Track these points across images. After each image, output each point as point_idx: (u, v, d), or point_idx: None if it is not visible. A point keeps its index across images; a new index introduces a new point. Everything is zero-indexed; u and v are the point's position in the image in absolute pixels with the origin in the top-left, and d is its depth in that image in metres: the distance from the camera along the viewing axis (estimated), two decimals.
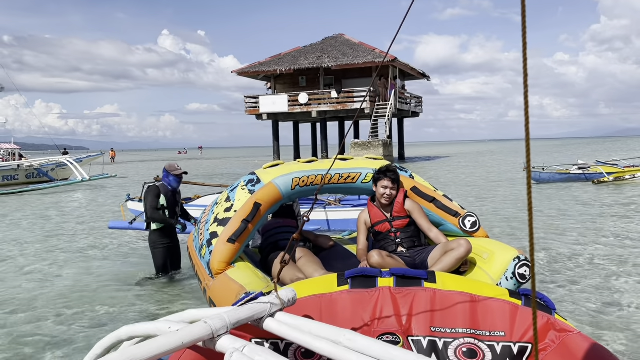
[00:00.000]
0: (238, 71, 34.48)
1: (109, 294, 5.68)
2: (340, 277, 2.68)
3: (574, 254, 6.93)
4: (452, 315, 2.51)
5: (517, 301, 2.52)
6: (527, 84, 1.19)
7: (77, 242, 8.99)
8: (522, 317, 2.45)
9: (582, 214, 10.48)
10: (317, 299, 2.59)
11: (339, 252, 4.80)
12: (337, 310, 2.57)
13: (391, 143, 31.15)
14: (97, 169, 25.13)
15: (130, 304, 5.31)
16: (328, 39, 35.44)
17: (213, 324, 1.86)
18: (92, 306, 5.24)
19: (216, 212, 4.33)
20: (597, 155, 35.77)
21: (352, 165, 4.59)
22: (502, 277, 3.88)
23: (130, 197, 10.24)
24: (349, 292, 2.60)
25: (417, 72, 36.15)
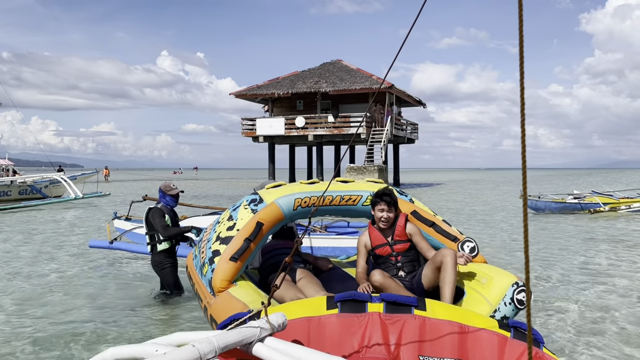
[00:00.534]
0: (236, 93, 34.70)
1: (110, 314, 5.59)
2: (330, 300, 2.64)
3: (564, 284, 6.89)
4: (440, 345, 2.49)
5: (506, 333, 2.51)
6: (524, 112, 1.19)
7: (60, 260, 8.87)
8: (510, 349, 2.43)
9: (577, 244, 10.47)
10: (305, 321, 2.55)
11: (338, 275, 4.77)
12: (325, 334, 2.52)
13: (386, 168, 31.22)
14: (91, 187, 25.03)
15: (133, 323, 5.24)
16: (326, 64, 35.81)
17: (201, 347, 1.83)
18: (94, 325, 5.14)
19: (218, 231, 4.32)
20: (591, 186, 35.98)
21: (352, 187, 4.59)
22: (500, 302, 3.85)
23: (117, 216, 10.11)
24: (338, 316, 2.57)
25: (413, 99, 36.48)
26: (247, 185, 40.34)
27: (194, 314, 5.52)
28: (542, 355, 2.37)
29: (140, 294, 6.46)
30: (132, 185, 43.01)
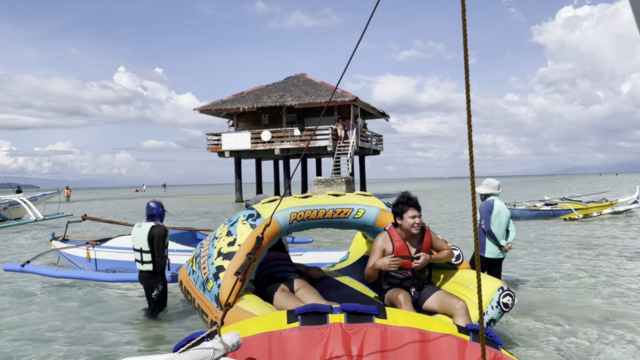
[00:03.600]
0: (200, 109, 34.38)
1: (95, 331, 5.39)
2: (290, 313, 2.62)
3: (535, 289, 7.06)
4: (402, 352, 2.50)
5: (465, 337, 2.54)
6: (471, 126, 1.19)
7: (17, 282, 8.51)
8: (470, 353, 2.48)
9: (554, 250, 10.74)
10: (266, 337, 2.51)
11: (331, 283, 4.85)
12: (286, 348, 2.49)
13: (353, 180, 31.41)
14: (52, 208, 24.22)
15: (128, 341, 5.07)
16: (290, 78, 35.97)
17: None
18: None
19: (218, 247, 4.36)
20: (552, 191, 37.08)
21: (344, 201, 4.73)
22: (487, 306, 4.10)
23: (54, 237, 9.82)
24: (299, 329, 2.54)
25: (377, 111, 36.94)
26: (220, 201, 39.70)
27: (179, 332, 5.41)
28: (501, 356, 2.42)
29: (125, 315, 6.25)
30: (94, 204, 41.84)
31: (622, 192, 28.15)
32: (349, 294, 4.38)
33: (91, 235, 14.09)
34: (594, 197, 20.10)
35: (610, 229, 14.19)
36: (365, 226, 4.76)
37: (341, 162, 30.95)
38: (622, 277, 7.69)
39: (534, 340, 4.90)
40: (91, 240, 9.43)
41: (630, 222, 15.87)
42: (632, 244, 11.04)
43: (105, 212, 29.52)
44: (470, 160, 1.18)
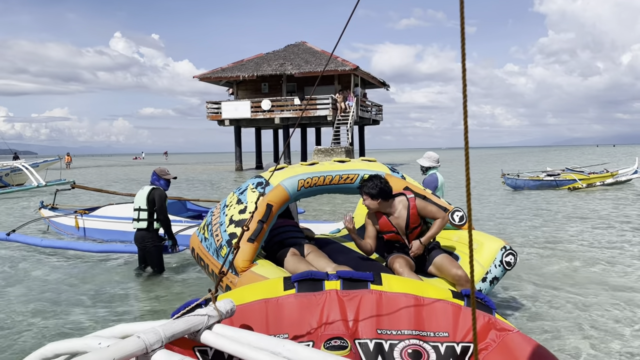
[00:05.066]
0: (200, 76, 34.12)
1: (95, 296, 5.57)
2: (287, 280, 2.67)
3: (533, 258, 7.23)
4: (397, 317, 2.54)
5: (459, 302, 2.58)
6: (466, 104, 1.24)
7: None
8: (464, 318, 2.51)
9: (555, 219, 10.93)
10: (263, 303, 2.56)
11: (339, 248, 5.02)
12: (283, 314, 2.54)
13: (353, 150, 31.46)
14: (53, 174, 24.28)
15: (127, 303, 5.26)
16: (290, 46, 35.57)
17: (146, 338, 1.79)
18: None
19: (230, 214, 4.51)
20: (550, 163, 37.20)
21: (349, 167, 4.87)
22: (491, 265, 4.29)
23: (43, 205, 9.84)
24: (295, 296, 2.59)
25: (377, 81, 36.71)
26: (220, 169, 39.48)
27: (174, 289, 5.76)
28: (495, 321, 2.44)
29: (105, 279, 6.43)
30: (94, 171, 41.85)
31: (619, 164, 28.28)
32: (357, 257, 4.55)
33: (80, 204, 14.09)
34: (595, 168, 20.35)
35: (613, 200, 14.39)
36: None
37: (341, 132, 30.93)
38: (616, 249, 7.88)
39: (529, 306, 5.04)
40: (80, 209, 9.38)
41: (630, 192, 16.12)
42: None
43: (106, 180, 29.61)
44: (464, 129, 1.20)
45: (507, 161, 47.54)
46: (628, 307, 4.92)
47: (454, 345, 2.47)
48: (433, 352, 2.46)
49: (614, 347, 3.96)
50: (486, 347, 2.38)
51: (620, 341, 4.09)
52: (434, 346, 2.48)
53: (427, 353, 2.46)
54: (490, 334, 2.40)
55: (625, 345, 4.00)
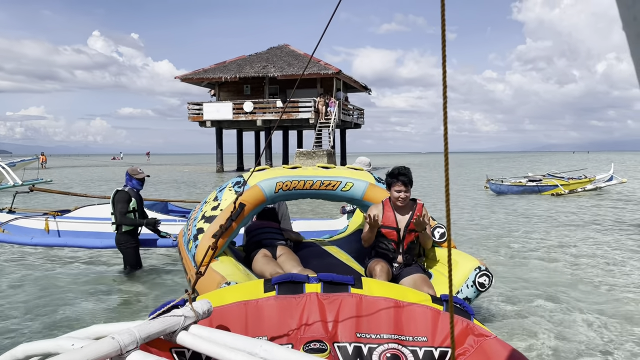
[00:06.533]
0: (181, 77, 33.89)
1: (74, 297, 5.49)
2: (267, 282, 2.66)
3: (517, 264, 7.33)
4: (377, 321, 2.54)
5: (438, 307, 2.58)
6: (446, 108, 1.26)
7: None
8: (443, 322, 2.52)
9: (537, 224, 11.11)
10: (242, 305, 2.54)
11: (316, 252, 5.02)
12: (263, 316, 2.53)
13: (334, 153, 31.55)
14: (31, 174, 23.85)
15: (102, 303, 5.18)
16: (273, 48, 35.57)
17: (121, 339, 1.78)
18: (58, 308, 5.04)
19: (204, 210, 4.58)
20: (527, 168, 37.78)
21: (333, 173, 4.75)
22: (463, 285, 4.18)
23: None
24: (275, 298, 2.58)
25: (359, 85, 36.90)
26: (201, 171, 39.25)
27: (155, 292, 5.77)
28: (473, 326, 2.43)
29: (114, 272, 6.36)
30: (70, 171, 41.16)
31: (595, 170, 28.88)
32: (329, 263, 4.52)
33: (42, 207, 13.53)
34: (573, 174, 20.84)
35: (591, 202, 14.68)
36: (353, 199, 4.78)
37: (323, 135, 30.99)
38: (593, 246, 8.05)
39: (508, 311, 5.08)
40: (51, 211, 8.83)
41: (608, 197, 16.50)
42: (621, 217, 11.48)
43: (83, 180, 29.20)
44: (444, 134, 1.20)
45: (487, 166, 48.09)
46: (610, 313, 4.97)
47: (432, 349, 2.48)
48: (411, 356, 2.46)
49: (594, 354, 4.01)
50: (464, 352, 2.38)
51: (602, 347, 4.13)
52: (412, 350, 2.48)
53: (405, 357, 2.47)
54: (468, 339, 2.41)
55: (605, 351, 4.06)
